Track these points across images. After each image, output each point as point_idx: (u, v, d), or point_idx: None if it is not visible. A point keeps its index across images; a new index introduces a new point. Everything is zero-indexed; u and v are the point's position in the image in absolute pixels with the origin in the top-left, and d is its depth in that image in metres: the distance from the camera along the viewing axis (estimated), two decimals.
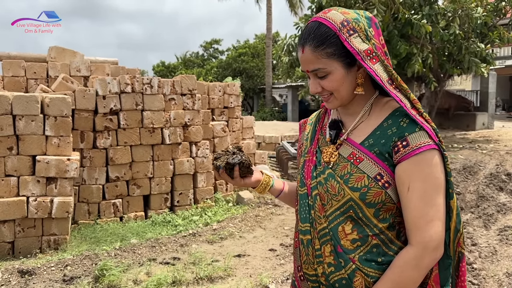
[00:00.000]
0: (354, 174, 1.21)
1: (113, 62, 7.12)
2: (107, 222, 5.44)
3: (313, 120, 1.50)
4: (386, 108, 1.27)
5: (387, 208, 1.20)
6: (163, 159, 5.87)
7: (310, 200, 1.32)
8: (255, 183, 1.48)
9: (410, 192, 1.16)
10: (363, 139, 1.25)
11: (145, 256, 4.54)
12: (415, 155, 1.15)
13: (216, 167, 1.43)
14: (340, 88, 1.24)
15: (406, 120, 1.20)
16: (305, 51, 1.23)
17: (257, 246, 4.86)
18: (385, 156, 1.20)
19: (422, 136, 1.16)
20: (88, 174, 5.44)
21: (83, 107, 5.40)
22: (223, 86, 7.40)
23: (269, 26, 24.71)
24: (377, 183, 1.18)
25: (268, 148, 11.02)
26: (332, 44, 1.20)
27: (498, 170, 8.87)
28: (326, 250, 1.25)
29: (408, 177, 1.16)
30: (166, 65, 36.39)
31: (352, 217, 1.22)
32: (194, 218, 5.67)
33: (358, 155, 1.23)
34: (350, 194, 1.20)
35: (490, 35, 14.14)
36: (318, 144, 1.38)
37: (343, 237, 1.22)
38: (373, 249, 1.21)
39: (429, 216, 1.15)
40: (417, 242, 1.15)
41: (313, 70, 1.24)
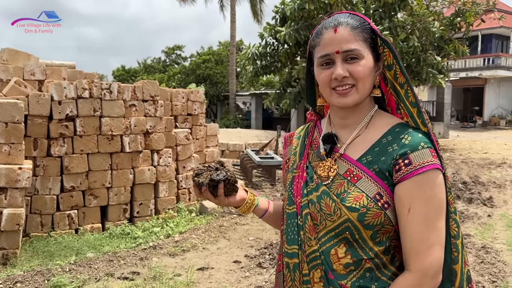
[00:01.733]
0: (351, 192, 1.12)
1: (70, 66, 6.81)
2: (61, 235, 5.14)
3: (301, 134, 1.40)
4: (385, 123, 1.20)
5: (385, 230, 1.12)
6: (123, 168, 5.63)
7: (299, 219, 1.21)
8: (240, 202, 1.35)
9: (411, 215, 1.08)
10: (360, 155, 1.17)
11: (102, 271, 4.30)
12: (417, 174, 1.08)
13: (198, 184, 1.29)
14: (366, 79, 1.16)
15: (408, 137, 1.12)
16: (339, 31, 1.15)
17: (221, 258, 4.72)
18: (385, 174, 1.12)
19: (425, 155, 1.09)
20: (41, 184, 5.12)
21: (37, 112, 5.10)
22: (186, 93, 7.23)
23: (233, 33, 24.71)
24: (376, 204, 1.10)
25: (232, 156, 10.90)
26: (367, 30, 1.17)
27: (454, 178, 9.15)
28: (315, 275, 1.15)
29: (409, 198, 1.09)
30: (127, 70, 35.69)
31: (347, 239, 1.13)
32: (155, 230, 5.46)
33: (355, 173, 1.15)
34: (347, 214, 1.11)
35: (446, 48, 14.68)
36: (308, 159, 1.29)
37: (336, 261, 1.13)
38: (366, 274, 1.12)
39: (430, 241, 1.08)
40: (416, 269, 1.08)
41: (347, 50, 1.14)
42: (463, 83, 24.12)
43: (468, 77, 23.72)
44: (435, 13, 14.54)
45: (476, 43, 24.48)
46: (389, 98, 1.27)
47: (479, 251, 4.78)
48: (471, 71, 23.94)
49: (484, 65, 23.93)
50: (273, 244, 5.05)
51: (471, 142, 16.68)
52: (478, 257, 4.62)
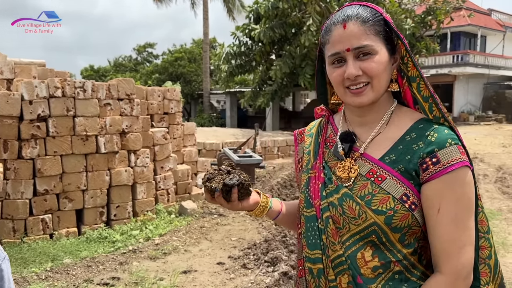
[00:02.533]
0: (376, 194, 1.07)
1: (40, 64, 6.52)
2: (35, 241, 4.90)
3: (313, 131, 1.33)
4: (406, 119, 1.14)
5: (413, 231, 1.07)
6: (98, 170, 5.42)
7: (320, 223, 1.15)
8: (253, 206, 1.28)
9: (441, 215, 1.03)
10: (383, 154, 1.11)
11: (80, 277, 4.12)
12: (446, 173, 1.03)
13: (210, 189, 1.21)
14: (381, 75, 1.09)
15: (434, 134, 1.06)
16: (348, 26, 1.08)
17: (204, 260, 4.60)
18: (412, 174, 1.06)
19: (454, 152, 1.04)
20: (13, 188, 4.88)
21: (7, 113, 4.84)
22: (162, 91, 7.06)
23: (206, 31, 24.46)
24: (403, 205, 1.05)
25: (209, 155, 10.75)
26: (379, 23, 1.09)
27: None
28: (342, 281, 1.10)
29: (438, 198, 1.03)
30: (96, 69, 34.93)
31: (373, 242, 1.08)
32: (134, 233, 5.28)
33: (379, 173, 1.09)
34: (373, 217, 1.06)
35: (418, 45, 14.94)
36: (324, 158, 1.22)
37: (363, 265, 1.08)
38: (395, 276, 1.08)
39: (461, 242, 1.03)
40: (449, 271, 1.03)
41: (359, 46, 1.07)
42: (433, 80, 24.61)
43: (438, 74, 24.23)
44: (407, 11, 14.78)
45: (446, 40, 25.06)
46: (405, 91, 1.20)
47: None
48: (441, 68, 24.47)
49: (453, 62, 24.51)
50: (256, 244, 4.97)
51: None
52: None
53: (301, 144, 1.35)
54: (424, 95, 1.13)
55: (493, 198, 7.24)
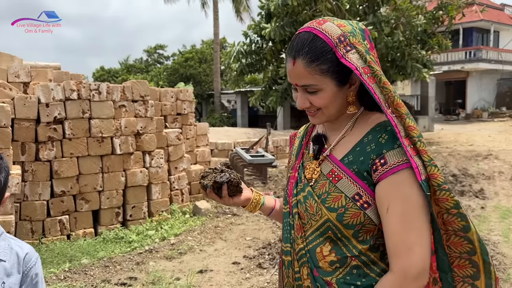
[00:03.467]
0: (331, 193, 1.15)
1: (56, 67, 6.61)
2: (53, 241, 4.98)
3: (301, 133, 1.43)
4: (369, 123, 1.21)
5: (367, 229, 1.14)
6: (114, 171, 5.48)
7: (291, 219, 1.27)
8: (245, 202, 1.42)
9: (389, 215, 1.08)
10: (343, 156, 1.20)
11: (98, 277, 4.17)
12: (393, 173, 1.08)
13: (203, 186, 1.37)
14: (329, 106, 1.18)
15: (385, 136, 1.13)
16: (296, 65, 1.15)
17: (220, 260, 4.63)
18: (363, 174, 1.13)
19: (400, 154, 1.09)
20: (31, 189, 4.95)
21: (24, 116, 4.92)
22: (175, 92, 7.11)
23: (216, 31, 24.50)
24: (355, 204, 1.12)
25: (221, 155, 10.79)
26: (327, 61, 1.13)
27: (444, 171, 9.22)
28: (304, 272, 1.21)
29: (387, 198, 1.09)
30: (107, 70, 35.21)
31: (331, 238, 1.16)
32: (150, 233, 5.33)
33: (337, 173, 1.17)
34: (327, 214, 1.14)
35: (429, 42, 14.81)
36: (302, 159, 1.32)
37: (321, 258, 1.17)
38: (353, 270, 1.15)
39: (409, 242, 1.06)
40: (398, 269, 1.07)
41: (304, 85, 1.17)
42: (446, 76, 24.40)
43: (451, 71, 24.01)
44: (418, 7, 14.65)
45: (458, 36, 24.80)
46: None
47: None
48: (453, 64, 24.24)
49: (466, 58, 24.26)
50: (271, 243, 4.98)
51: (456, 135, 16.89)
52: None
53: (293, 146, 1.45)
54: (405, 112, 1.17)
55: (510, 195, 7.16)
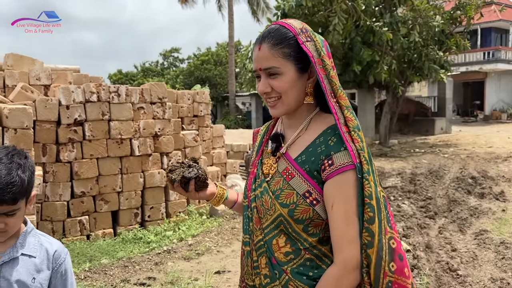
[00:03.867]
0: (284, 190, 1.23)
1: (75, 70, 6.72)
2: (73, 241, 5.06)
3: (263, 131, 1.51)
4: (322, 124, 1.29)
5: (316, 224, 1.23)
6: (133, 172, 5.55)
7: (249, 212, 1.35)
8: (210, 196, 1.49)
9: (333, 211, 1.18)
10: (297, 155, 1.27)
11: (117, 277, 4.22)
12: (337, 174, 1.18)
13: (171, 180, 1.40)
14: (289, 92, 1.25)
15: (334, 139, 1.22)
16: (262, 48, 1.24)
17: (237, 261, 4.64)
18: (314, 174, 1.21)
19: (345, 156, 1.18)
20: (51, 190, 5.04)
21: (45, 118, 5.02)
22: (192, 94, 7.16)
23: (231, 34, 24.62)
24: (305, 200, 1.20)
25: (236, 156, 10.81)
26: (289, 45, 1.23)
27: (463, 174, 9.09)
28: (262, 261, 1.28)
29: (332, 196, 1.19)
30: (124, 73, 35.61)
31: (284, 231, 1.24)
32: (168, 234, 5.38)
33: (290, 171, 1.25)
34: (280, 210, 1.22)
35: (447, 42, 14.62)
36: (262, 156, 1.40)
37: (277, 249, 1.25)
38: (307, 263, 1.23)
39: (350, 236, 1.17)
40: (339, 261, 1.18)
41: (267, 68, 1.24)
42: (463, 77, 24.07)
43: (468, 71, 23.68)
44: (436, 7, 14.48)
45: (476, 37, 24.44)
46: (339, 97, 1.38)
47: (498, 247, 4.71)
48: (471, 65, 23.90)
49: (484, 59, 23.89)
50: None
51: (474, 137, 16.63)
52: (498, 253, 4.55)
53: (255, 143, 1.52)
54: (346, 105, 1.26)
55: None
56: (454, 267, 4.20)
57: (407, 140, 16.50)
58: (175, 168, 1.41)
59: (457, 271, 4.11)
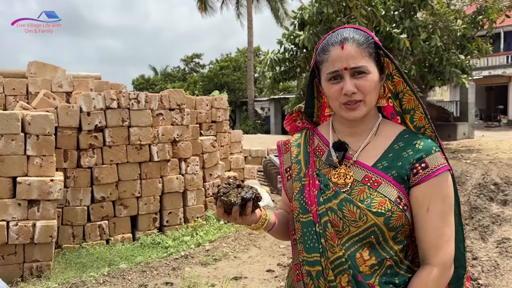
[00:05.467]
0: (375, 198, 1.18)
1: (96, 77, 6.87)
2: (93, 246, 5.14)
3: (299, 141, 1.41)
4: (392, 130, 1.28)
5: (404, 230, 1.21)
6: (151, 177, 5.62)
7: (318, 227, 1.24)
8: (258, 219, 1.32)
9: (429, 213, 1.17)
10: (375, 161, 1.23)
11: (135, 282, 4.28)
12: (434, 176, 1.17)
13: (228, 204, 1.21)
14: (373, 92, 1.23)
15: (421, 143, 1.21)
16: (346, 47, 1.21)
17: (254, 267, 4.65)
18: (404, 178, 1.20)
19: (439, 158, 1.19)
20: (72, 195, 5.15)
21: (67, 124, 5.13)
22: (210, 100, 7.22)
23: (250, 39, 24.73)
24: (398, 206, 1.17)
25: (254, 162, 10.83)
26: (371, 46, 1.23)
27: (485, 180, 8.89)
28: (343, 280, 1.20)
29: (428, 198, 1.17)
30: (146, 79, 36.05)
31: (371, 243, 1.19)
32: (185, 239, 5.42)
33: (374, 178, 1.21)
34: (374, 219, 1.17)
35: (469, 46, 14.38)
36: (316, 167, 1.31)
37: (362, 263, 1.19)
38: (388, 270, 1.20)
39: (447, 236, 1.18)
40: (438, 262, 1.17)
41: (355, 67, 1.20)
42: (486, 81, 23.60)
43: (491, 76, 23.18)
44: (457, 11, 14.28)
45: (499, 40, 23.96)
46: (387, 105, 1.35)
47: None
48: (494, 69, 23.39)
49: (507, 62, 23.36)
50: None
51: (498, 142, 16.25)
52: None
53: (286, 154, 1.42)
54: (406, 108, 1.30)
55: None
56: (475, 276, 4.12)
57: None
58: (228, 190, 1.23)
59: (477, 280, 4.03)
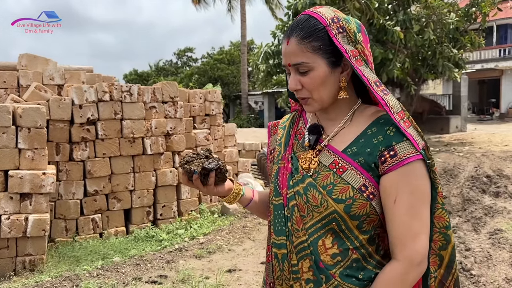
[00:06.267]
0: (337, 184, 1.14)
1: (88, 70, 6.80)
2: (86, 239, 5.12)
3: (286, 123, 1.39)
4: (369, 116, 1.21)
5: (370, 219, 1.15)
6: (145, 171, 5.59)
7: (286, 211, 1.22)
8: (227, 192, 1.35)
9: (397, 205, 1.10)
10: (345, 147, 1.18)
11: (129, 275, 4.26)
12: (403, 165, 1.10)
13: (188, 171, 1.25)
14: (320, 88, 1.17)
15: (393, 129, 1.14)
16: (290, 43, 1.16)
17: (248, 260, 4.65)
18: (371, 166, 1.13)
19: (410, 146, 1.11)
20: (65, 189, 5.11)
21: (58, 117, 5.08)
22: (204, 93, 7.18)
23: (243, 33, 24.62)
24: (362, 195, 1.12)
25: (248, 155, 10.81)
26: (319, 38, 1.14)
27: (477, 172, 8.95)
28: (304, 265, 1.17)
29: (395, 189, 1.10)
30: (139, 73, 35.81)
31: (333, 230, 1.15)
32: (179, 232, 5.41)
33: (341, 164, 1.16)
34: (334, 206, 1.12)
35: (462, 40, 14.41)
36: (293, 149, 1.29)
37: (323, 251, 1.15)
38: (353, 264, 1.15)
39: (415, 230, 1.10)
40: (404, 257, 1.11)
41: (296, 63, 1.16)
42: (479, 75, 23.71)
43: (484, 69, 23.30)
44: (450, 5, 14.30)
45: (491, 34, 24.05)
46: None
47: None
48: (486, 62, 23.51)
49: (500, 56, 23.49)
50: None
51: (490, 135, 16.37)
52: None
53: (274, 136, 1.41)
54: None
55: None
56: (468, 266, 4.15)
57: None
58: (192, 159, 1.26)
59: (470, 271, 4.05)
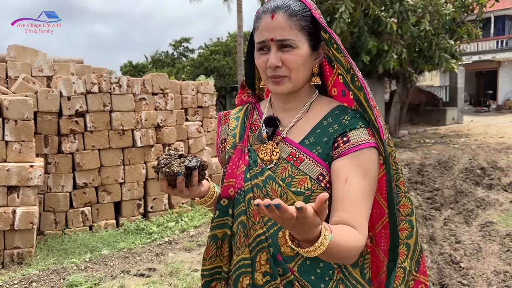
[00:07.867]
0: (296, 176, 1.13)
1: (78, 61, 6.73)
2: (75, 232, 5.09)
3: (239, 114, 1.36)
4: (325, 107, 1.22)
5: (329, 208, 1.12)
6: (135, 163, 5.55)
7: (242, 205, 1.20)
8: (207, 191, 1.27)
9: (348, 185, 1.07)
10: (302, 138, 1.18)
11: (117, 268, 4.24)
12: (354, 151, 1.10)
13: (171, 175, 1.12)
14: (300, 68, 1.15)
15: (348, 118, 1.15)
16: (276, 17, 1.13)
17: None
18: (328, 154, 1.14)
19: (363, 133, 1.12)
20: (54, 181, 5.07)
21: (47, 109, 5.02)
22: (196, 85, 7.12)
23: (239, 24, 24.43)
24: (319, 184, 1.11)
25: None
26: (305, 18, 1.15)
27: (472, 164, 8.93)
28: (262, 258, 1.15)
29: (346, 170, 1.09)
30: (135, 65, 35.61)
31: None
32: (170, 225, 5.38)
33: (298, 155, 1.15)
34: (293, 198, 1.11)
35: (458, 31, 14.34)
36: (249, 142, 1.26)
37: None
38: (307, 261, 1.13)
39: (365, 215, 1.08)
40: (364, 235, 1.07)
41: (282, 39, 1.13)
42: (476, 66, 23.67)
43: (481, 61, 23.24)
44: None
45: (489, 25, 23.96)
46: (335, 82, 1.29)
47: (504, 239, 4.62)
48: (483, 54, 23.45)
49: (497, 47, 23.43)
50: None
51: (486, 127, 16.37)
52: (503, 245, 4.46)
53: (225, 125, 1.38)
54: (358, 86, 1.18)
55: None
56: (457, 259, 4.14)
57: (418, 131, 16.30)
58: (169, 161, 1.14)
59: (459, 264, 4.05)
